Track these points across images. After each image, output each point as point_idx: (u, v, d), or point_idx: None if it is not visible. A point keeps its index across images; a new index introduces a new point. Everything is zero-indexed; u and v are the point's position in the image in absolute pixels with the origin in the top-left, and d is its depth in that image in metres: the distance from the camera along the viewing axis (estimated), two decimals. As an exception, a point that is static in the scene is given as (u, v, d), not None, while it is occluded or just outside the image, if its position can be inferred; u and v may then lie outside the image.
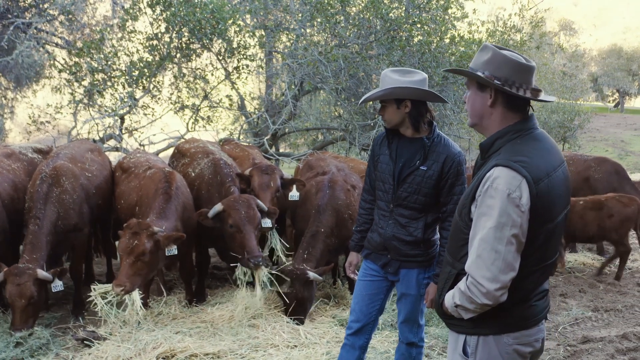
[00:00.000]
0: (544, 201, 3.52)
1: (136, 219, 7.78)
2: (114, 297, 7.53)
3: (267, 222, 8.71)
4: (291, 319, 8.23)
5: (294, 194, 9.46)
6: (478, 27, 15.72)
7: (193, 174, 9.62)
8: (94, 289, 7.67)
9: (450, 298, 3.74)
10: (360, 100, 5.75)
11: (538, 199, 3.48)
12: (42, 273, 7.66)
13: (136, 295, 7.51)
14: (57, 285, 7.88)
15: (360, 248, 6.07)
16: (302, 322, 8.27)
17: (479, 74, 3.70)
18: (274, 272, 8.35)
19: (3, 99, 20.03)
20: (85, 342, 7.60)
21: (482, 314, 3.65)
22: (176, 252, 7.91)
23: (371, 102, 13.55)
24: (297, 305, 8.25)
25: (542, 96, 3.76)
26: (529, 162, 3.51)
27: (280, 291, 8.30)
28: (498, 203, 3.44)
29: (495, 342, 3.72)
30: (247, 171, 9.45)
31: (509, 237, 3.44)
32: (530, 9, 18.63)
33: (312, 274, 8.16)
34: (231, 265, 8.63)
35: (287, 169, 14.82)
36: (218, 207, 8.46)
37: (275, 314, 8.35)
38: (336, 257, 9.28)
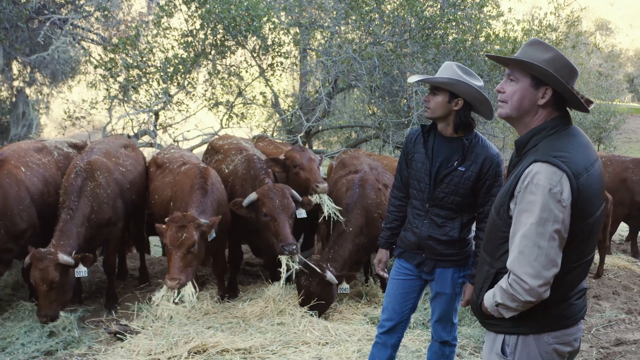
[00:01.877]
0: (584, 196, 3.49)
1: (180, 213, 7.83)
2: (171, 294, 7.61)
3: (301, 213, 8.72)
4: (316, 315, 8.26)
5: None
6: (513, 25, 15.61)
7: (227, 170, 9.64)
8: (156, 298, 7.74)
9: (491, 297, 3.72)
10: (418, 79, 5.62)
11: (579, 194, 3.46)
12: (63, 257, 7.70)
13: (190, 287, 7.58)
14: (81, 271, 7.92)
15: (389, 245, 6.04)
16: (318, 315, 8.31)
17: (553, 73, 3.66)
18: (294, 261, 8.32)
19: (39, 94, 20.24)
20: (117, 335, 7.67)
21: (523, 312, 3.64)
22: (214, 235, 8.01)
23: (405, 100, 13.52)
24: (307, 300, 8.29)
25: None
26: (568, 157, 3.49)
27: (303, 267, 8.32)
28: (539, 199, 3.42)
29: (535, 341, 3.69)
30: (281, 156, 9.47)
31: (551, 232, 3.42)
32: (566, 6, 18.48)
33: (329, 275, 8.14)
34: (277, 258, 8.60)
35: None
36: (252, 196, 8.48)
37: (307, 310, 8.35)
38: (366, 256, 9.24)
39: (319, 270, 8.16)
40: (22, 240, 8.30)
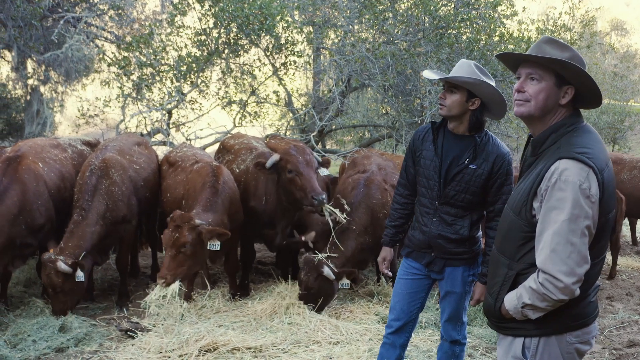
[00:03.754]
0: (607, 191, 3.52)
1: (180, 211, 7.83)
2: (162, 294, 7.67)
3: (324, 171, 8.89)
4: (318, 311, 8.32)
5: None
6: (528, 25, 15.58)
7: (238, 170, 9.63)
8: (149, 298, 7.78)
9: (514, 299, 3.68)
10: (438, 77, 5.49)
11: (604, 189, 3.48)
12: (61, 266, 7.77)
13: (176, 287, 7.59)
14: (79, 276, 7.97)
15: (393, 243, 6.03)
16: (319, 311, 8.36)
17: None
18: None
19: (53, 92, 20.29)
20: (128, 333, 7.70)
21: (545, 313, 3.62)
22: (218, 248, 7.96)
23: (419, 99, 13.50)
24: (307, 295, 8.33)
25: None
26: (591, 153, 3.50)
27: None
28: (570, 195, 3.41)
29: (558, 342, 3.69)
30: (274, 156, 8.94)
31: (582, 229, 3.42)
32: (579, 3, 18.46)
33: (326, 270, 8.13)
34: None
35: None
36: (275, 157, 8.55)
37: (312, 306, 8.38)
38: (371, 256, 9.20)
39: (315, 264, 8.23)
40: (40, 235, 8.38)
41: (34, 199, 8.27)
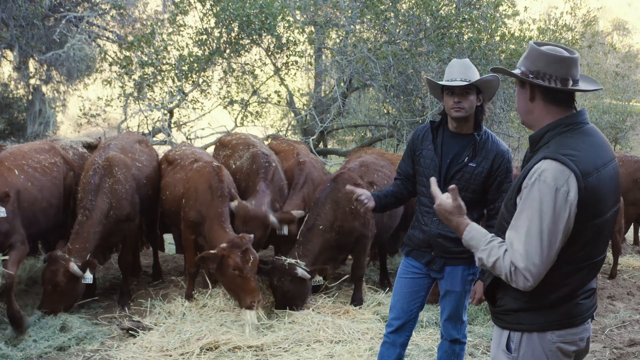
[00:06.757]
0: (593, 196, 3.45)
1: (235, 235, 8.11)
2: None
3: (285, 230, 8.89)
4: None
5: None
6: (529, 25, 15.61)
7: (234, 166, 9.70)
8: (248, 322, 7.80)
9: (481, 252, 3.64)
10: (464, 83, 5.29)
11: (586, 194, 3.41)
12: (73, 267, 7.78)
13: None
14: (87, 278, 7.99)
15: (376, 196, 5.80)
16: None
17: (516, 70, 3.69)
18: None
19: (55, 92, 20.29)
20: (130, 331, 7.71)
21: (528, 310, 3.63)
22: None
23: (420, 99, 13.51)
24: (283, 299, 8.35)
25: (579, 85, 3.70)
26: (578, 156, 3.44)
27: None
28: (546, 197, 3.39)
29: (539, 339, 3.65)
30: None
31: (557, 231, 3.40)
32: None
33: (300, 271, 8.15)
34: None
35: (335, 166, 14.82)
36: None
37: (319, 310, 8.38)
38: (340, 255, 9.04)
39: (287, 268, 8.28)
40: (6, 243, 7.91)
41: None
